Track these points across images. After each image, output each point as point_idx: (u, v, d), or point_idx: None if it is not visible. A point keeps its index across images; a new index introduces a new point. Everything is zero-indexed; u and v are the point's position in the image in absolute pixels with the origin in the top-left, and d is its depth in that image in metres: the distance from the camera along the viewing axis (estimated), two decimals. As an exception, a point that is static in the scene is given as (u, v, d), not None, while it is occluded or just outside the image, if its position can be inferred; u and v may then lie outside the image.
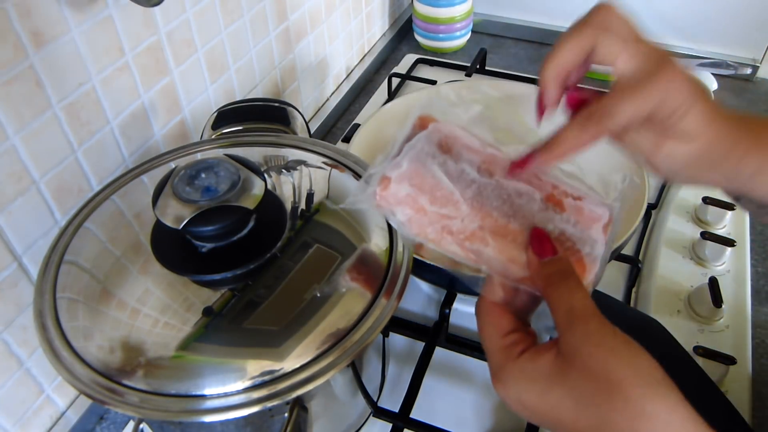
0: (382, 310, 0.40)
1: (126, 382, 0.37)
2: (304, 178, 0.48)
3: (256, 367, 0.37)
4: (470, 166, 0.35)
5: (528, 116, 0.39)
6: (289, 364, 0.37)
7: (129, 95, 0.56)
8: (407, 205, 0.34)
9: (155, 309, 0.39)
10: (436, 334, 0.61)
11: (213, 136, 0.58)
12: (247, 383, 0.36)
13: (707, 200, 0.72)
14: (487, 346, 0.33)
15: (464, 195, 0.34)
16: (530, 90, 0.74)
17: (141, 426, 0.45)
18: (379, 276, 0.42)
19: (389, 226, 0.45)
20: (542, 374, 0.30)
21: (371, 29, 1.05)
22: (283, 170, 0.49)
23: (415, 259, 0.53)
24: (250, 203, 0.40)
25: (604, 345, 0.29)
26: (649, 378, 0.28)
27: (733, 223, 0.72)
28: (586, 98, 0.36)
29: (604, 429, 0.28)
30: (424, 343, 0.60)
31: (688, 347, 0.59)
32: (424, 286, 0.68)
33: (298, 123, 0.62)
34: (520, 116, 0.38)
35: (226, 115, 0.60)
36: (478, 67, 0.97)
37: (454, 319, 0.62)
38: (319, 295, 0.39)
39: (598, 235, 0.34)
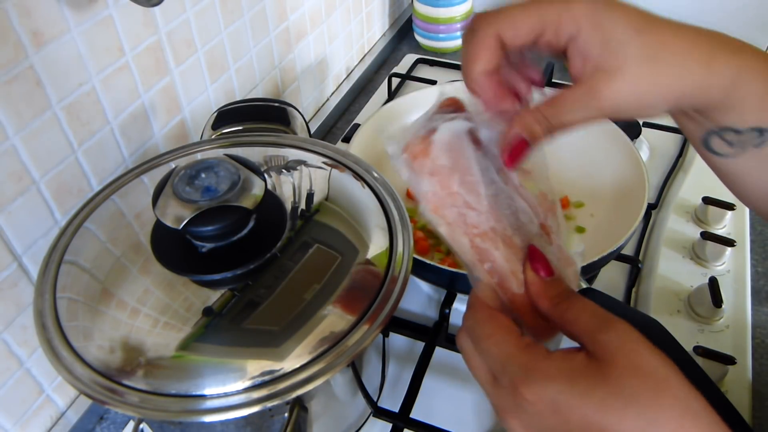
0: (382, 310, 0.40)
1: (126, 382, 0.37)
2: (304, 178, 0.48)
3: (256, 367, 0.37)
4: (493, 164, 0.34)
5: None
6: (289, 364, 0.37)
7: (129, 95, 0.56)
8: (438, 176, 0.33)
9: (155, 309, 0.39)
10: (436, 334, 0.61)
11: (213, 136, 0.58)
12: (247, 383, 0.36)
13: (707, 200, 0.72)
14: (502, 351, 0.30)
15: (486, 191, 0.33)
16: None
17: (141, 426, 0.45)
18: (379, 276, 0.42)
19: (389, 226, 0.45)
20: (582, 373, 0.27)
21: (371, 29, 1.05)
22: (283, 170, 0.49)
23: (415, 259, 0.54)
24: (250, 203, 0.40)
25: (643, 343, 0.28)
26: (684, 379, 0.27)
27: (733, 223, 0.72)
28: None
29: (651, 429, 0.26)
30: (424, 343, 0.60)
31: (688, 347, 0.59)
32: (424, 286, 0.68)
33: (298, 123, 0.62)
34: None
35: (226, 115, 0.60)
36: (478, 67, 0.97)
37: (454, 319, 0.62)
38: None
39: (573, 277, 0.34)
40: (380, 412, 0.54)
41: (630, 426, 0.26)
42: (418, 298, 0.67)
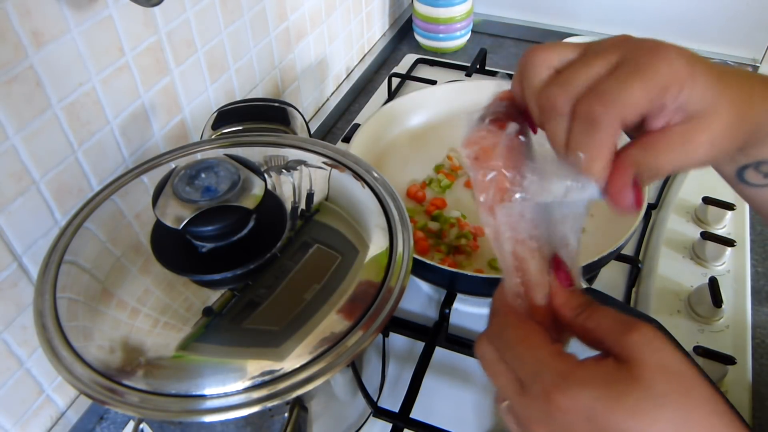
0: (382, 310, 0.40)
1: (126, 382, 0.37)
2: (304, 178, 0.48)
3: (256, 367, 0.37)
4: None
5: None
6: (289, 364, 0.37)
7: (129, 95, 0.56)
8: (497, 172, 0.33)
9: (155, 309, 0.39)
10: (436, 334, 0.61)
11: (213, 136, 0.58)
12: (247, 383, 0.36)
13: (707, 200, 0.72)
14: (535, 356, 0.29)
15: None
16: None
17: (141, 426, 0.45)
18: (379, 276, 0.42)
19: (389, 226, 0.45)
20: (615, 377, 0.27)
21: (371, 29, 1.05)
22: (283, 170, 0.49)
23: (415, 259, 0.54)
24: (250, 203, 0.40)
25: (668, 343, 0.28)
26: (706, 379, 0.28)
27: (733, 223, 0.72)
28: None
29: (683, 430, 0.26)
30: (424, 343, 0.60)
31: (688, 347, 0.59)
32: (424, 286, 0.68)
33: (298, 123, 0.62)
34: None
35: (226, 115, 0.60)
36: (478, 67, 0.97)
37: (454, 319, 0.62)
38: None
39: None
40: (380, 412, 0.54)
41: (662, 429, 0.26)
42: (418, 298, 0.67)
